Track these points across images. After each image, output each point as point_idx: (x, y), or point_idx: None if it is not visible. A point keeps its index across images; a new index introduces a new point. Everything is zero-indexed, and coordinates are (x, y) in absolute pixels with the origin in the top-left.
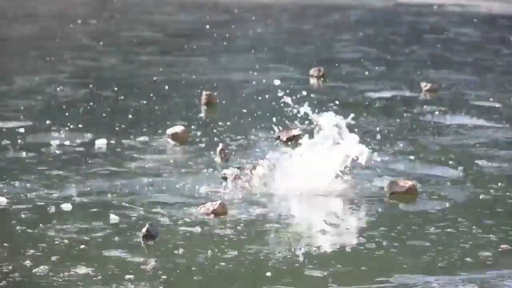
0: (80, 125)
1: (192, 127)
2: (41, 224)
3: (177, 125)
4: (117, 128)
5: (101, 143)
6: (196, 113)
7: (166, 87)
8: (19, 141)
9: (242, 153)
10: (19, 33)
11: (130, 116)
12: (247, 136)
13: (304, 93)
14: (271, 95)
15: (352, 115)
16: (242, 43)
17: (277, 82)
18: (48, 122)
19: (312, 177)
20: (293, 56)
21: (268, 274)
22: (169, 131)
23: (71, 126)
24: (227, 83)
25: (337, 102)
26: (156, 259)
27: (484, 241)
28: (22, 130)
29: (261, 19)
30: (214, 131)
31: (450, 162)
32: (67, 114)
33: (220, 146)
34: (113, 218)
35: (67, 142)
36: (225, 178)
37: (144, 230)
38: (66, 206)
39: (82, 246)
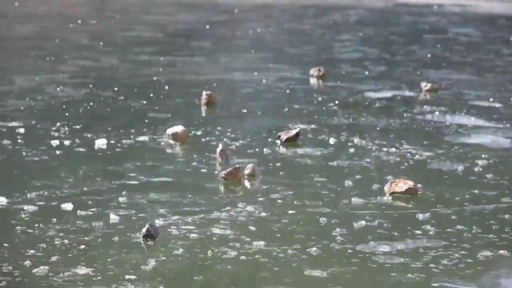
0: (80, 125)
1: (192, 127)
2: (41, 224)
3: (177, 125)
4: (117, 128)
5: (101, 143)
6: (196, 113)
7: (166, 87)
8: (19, 141)
9: (242, 153)
10: (19, 33)
11: (130, 116)
12: (247, 136)
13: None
14: (271, 95)
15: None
16: (242, 43)
17: None
18: (48, 122)
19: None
20: (293, 56)
21: (268, 274)
22: (169, 131)
23: (71, 126)
24: (227, 83)
25: (337, 102)
26: (156, 259)
27: (484, 241)
28: (22, 130)
29: (261, 19)
30: (214, 131)
31: (450, 162)
32: (67, 114)
33: (221, 146)
34: (113, 218)
35: (67, 142)
36: (225, 179)
37: (144, 230)
38: (66, 206)
39: (82, 246)
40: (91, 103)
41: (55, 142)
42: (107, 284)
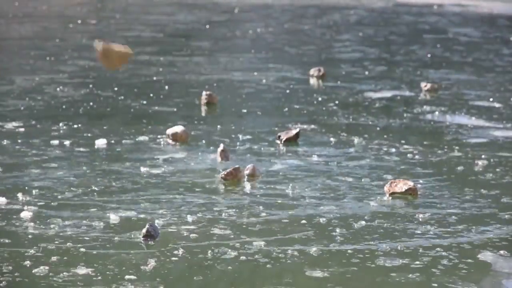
0: (80, 125)
1: (192, 127)
2: (41, 224)
3: (177, 125)
4: (117, 128)
5: (101, 143)
6: (196, 113)
7: (166, 87)
8: (19, 141)
9: (242, 153)
10: (19, 33)
11: (130, 116)
12: (247, 136)
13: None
14: (271, 95)
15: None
16: (242, 43)
17: None
18: (48, 122)
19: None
20: (293, 56)
21: (268, 274)
22: (169, 131)
23: (71, 126)
24: (227, 83)
25: (337, 102)
26: (156, 259)
27: (484, 241)
28: (22, 130)
29: (261, 19)
30: (214, 131)
31: (450, 162)
32: (67, 114)
33: (221, 146)
34: (113, 218)
35: (67, 142)
36: (225, 179)
37: (144, 230)
38: (66, 206)
39: (82, 246)
40: (91, 103)
41: (55, 142)
42: (107, 284)
